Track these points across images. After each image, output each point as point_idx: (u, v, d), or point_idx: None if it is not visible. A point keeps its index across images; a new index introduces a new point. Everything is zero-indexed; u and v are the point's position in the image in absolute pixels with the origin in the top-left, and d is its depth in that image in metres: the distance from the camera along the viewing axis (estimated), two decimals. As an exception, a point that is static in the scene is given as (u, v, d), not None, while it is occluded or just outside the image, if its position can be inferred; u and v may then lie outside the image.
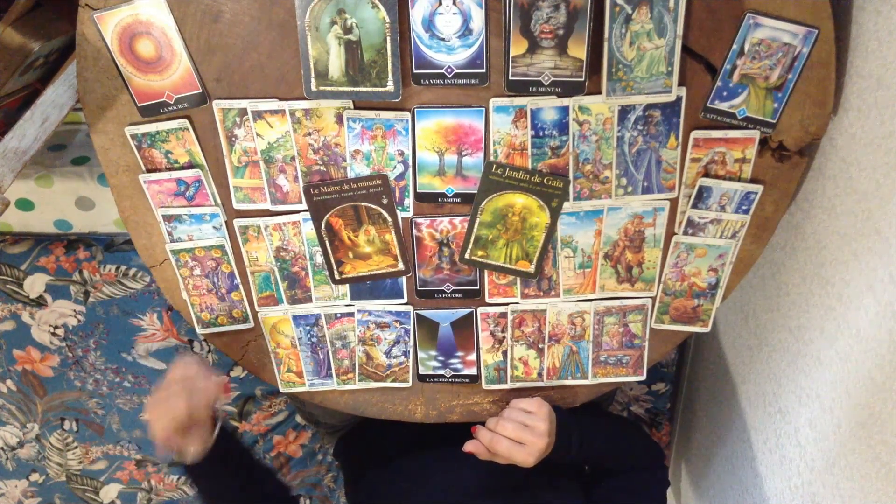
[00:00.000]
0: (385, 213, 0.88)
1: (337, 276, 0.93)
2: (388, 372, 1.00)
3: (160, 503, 1.56)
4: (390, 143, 0.84)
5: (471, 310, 0.96)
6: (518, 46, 0.77)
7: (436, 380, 1.01)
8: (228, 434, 0.94)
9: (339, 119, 0.83)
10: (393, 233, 0.90)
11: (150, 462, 1.48)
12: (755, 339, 1.07)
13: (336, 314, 0.96)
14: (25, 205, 1.21)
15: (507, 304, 0.96)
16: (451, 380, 1.01)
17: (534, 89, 0.80)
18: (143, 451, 1.46)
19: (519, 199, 0.87)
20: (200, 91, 0.82)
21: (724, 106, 0.82)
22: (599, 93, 0.80)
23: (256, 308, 0.96)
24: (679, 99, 0.82)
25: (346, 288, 0.94)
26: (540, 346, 0.98)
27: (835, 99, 0.82)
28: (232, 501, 0.95)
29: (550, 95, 0.80)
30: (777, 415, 0.98)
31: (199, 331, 0.97)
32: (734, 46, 0.79)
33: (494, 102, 0.82)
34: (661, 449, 1.10)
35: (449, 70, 0.79)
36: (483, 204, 0.87)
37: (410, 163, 0.85)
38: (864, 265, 0.76)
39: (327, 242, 0.90)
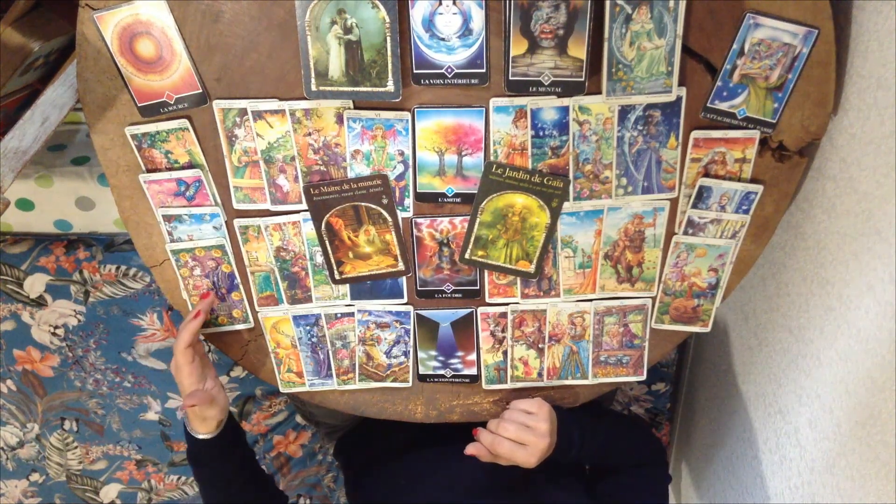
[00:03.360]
0: (385, 213, 0.88)
1: (337, 276, 0.93)
2: (389, 372, 1.00)
3: (160, 503, 1.56)
4: (390, 143, 0.84)
5: (471, 310, 0.96)
6: (518, 46, 0.77)
7: (436, 380, 1.01)
8: (236, 423, 0.99)
9: (339, 119, 0.83)
10: (393, 233, 0.90)
11: (150, 462, 1.48)
12: (755, 339, 1.07)
13: (336, 314, 0.96)
14: (25, 205, 1.21)
15: (507, 304, 0.95)
16: (451, 380, 1.01)
17: (534, 89, 0.80)
18: (142, 451, 1.46)
19: (519, 199, 0.87)
20: (200, 91, 0.82)
21: (724, 106, 0.82)
22: (599, 93, 0.80)
23: (256, 308, 0.96)
24: (679, 99, 0.81)
25: (346, 288, 0.94)
26: (540, 346, 0.98)
27: (835, 99, 0.82)
28: (232, 497, 0.97)
29: (550, 95, 0.80)
30: (777, 415, 0.98)
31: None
32: (734, 46, 0.79)
33: (494, 102, 0.82)
34: (662, 445, 1.10)
35: (449, 70, 0.79)
36: (483, 204, 0.87)
37: (410, 163, 0.85)
38: (864, 265, 0.76)
39: (327, 242, 0.90)
